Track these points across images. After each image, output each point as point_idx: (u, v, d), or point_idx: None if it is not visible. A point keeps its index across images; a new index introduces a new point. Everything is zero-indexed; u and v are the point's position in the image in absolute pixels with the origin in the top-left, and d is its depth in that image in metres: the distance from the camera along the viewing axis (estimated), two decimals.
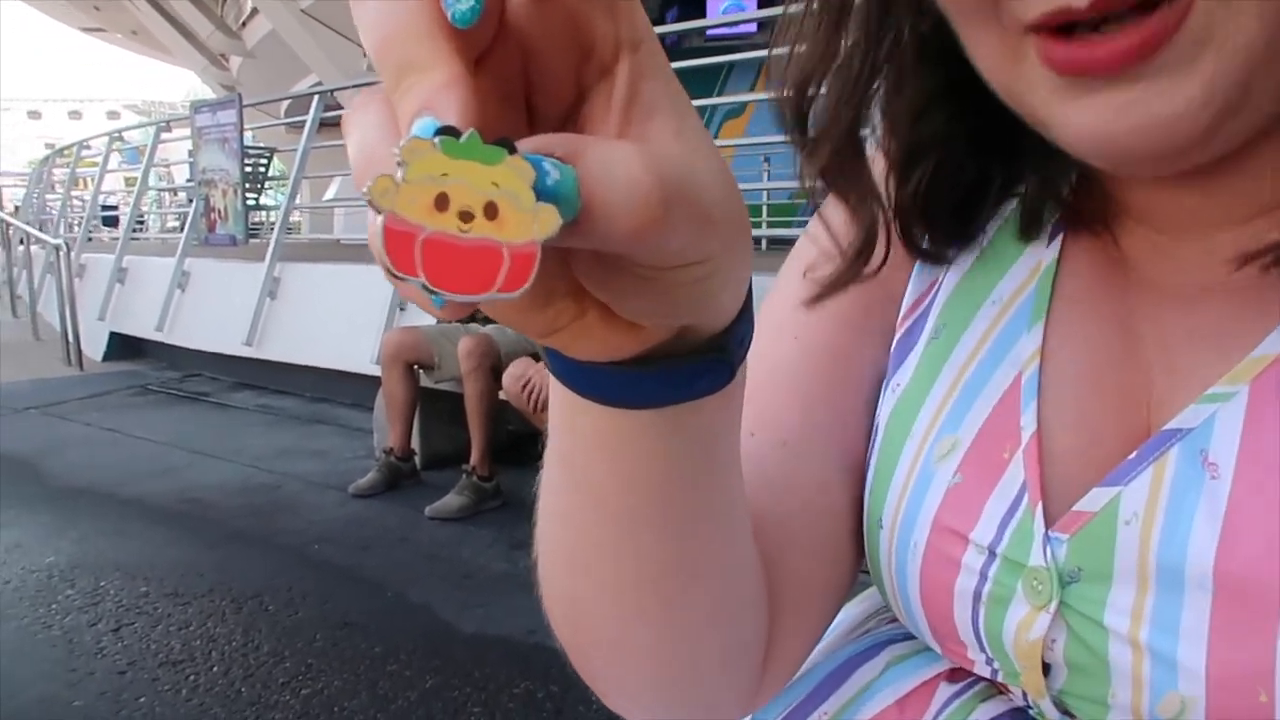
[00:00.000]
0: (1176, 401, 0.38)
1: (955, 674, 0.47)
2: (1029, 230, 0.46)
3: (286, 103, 11.66)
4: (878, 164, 0.46)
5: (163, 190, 10.95)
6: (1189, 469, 0.36)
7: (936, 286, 0.49)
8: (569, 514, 0.36)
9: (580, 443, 0.32)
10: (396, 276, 0.20)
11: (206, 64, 16.72)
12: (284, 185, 7.64)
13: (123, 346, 7.40)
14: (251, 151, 6.84)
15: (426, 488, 3.66)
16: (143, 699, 2.10)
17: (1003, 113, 0.39)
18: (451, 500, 3.38)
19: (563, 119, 0.24)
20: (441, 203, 0.20)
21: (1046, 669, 0.40)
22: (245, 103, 6.54)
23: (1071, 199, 0.45)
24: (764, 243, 6.37)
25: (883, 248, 0.46)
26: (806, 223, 0.51)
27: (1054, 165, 0.44)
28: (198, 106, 6.67)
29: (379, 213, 0.20)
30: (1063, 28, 0.33)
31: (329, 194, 11.69)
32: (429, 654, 2.30)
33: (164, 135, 8.33)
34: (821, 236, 0.48)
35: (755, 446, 0.46)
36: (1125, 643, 0.36)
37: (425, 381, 3.73)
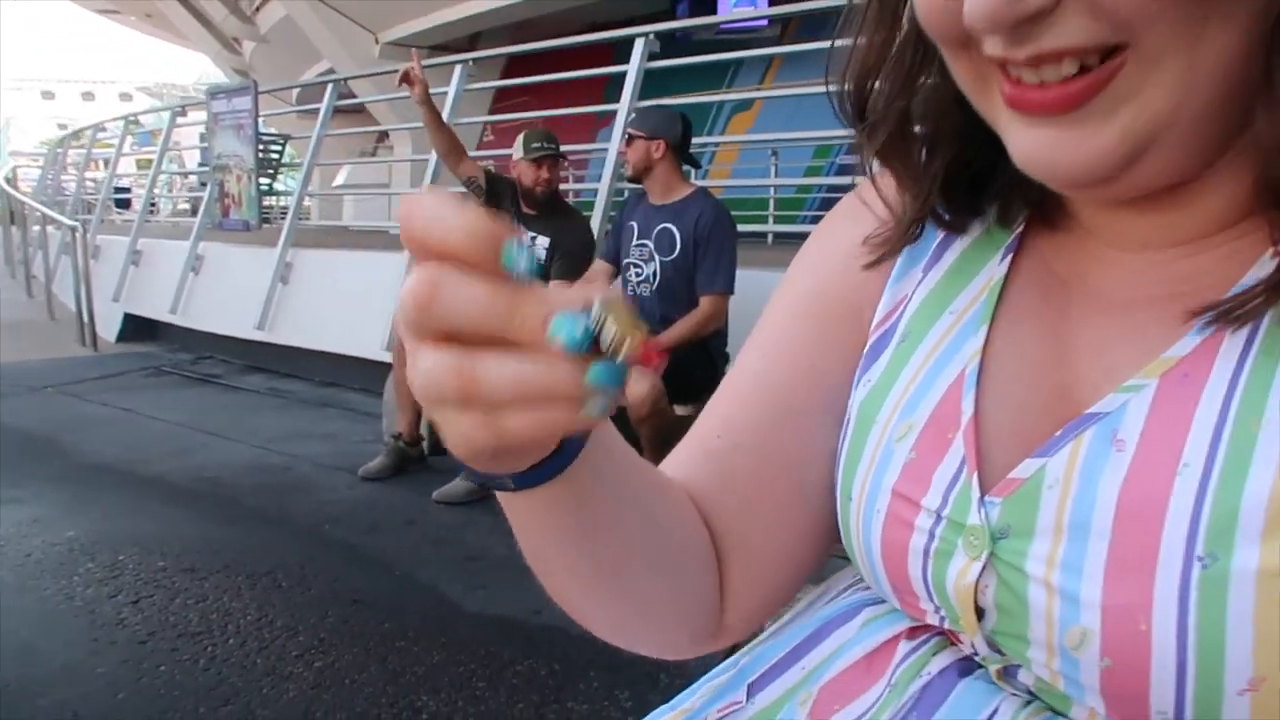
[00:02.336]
0: (1100, 392, 0.46)
1: (915, 632, 0.54)
2: (1005, 217, 0.54)
3: (299, 88, 11.73)
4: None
5: (174, 174, 11.04)
6: (1101, 444, 0.43)
7: (906, 301, 0.56)
8: (528, 551, 0.49)
9: (511, 516, 0.45)
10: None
11: (220, 48, 16.77)
12: (294, 171, 7.73)
13: (136, 328, 7.51)
14: (265, 138, 6.92)
15: (433, 472, 3.75)
16: (163, 668, 2.19)
17: None
18: (457, 485, 3.47)
19: None
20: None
21: (981, 613, 0.47)
22: (260, 89, 6.62)
23: (1041, 204, 0.53)
24: (770, 237, 6.42)
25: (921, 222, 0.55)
26: (812, 217, 0.58)
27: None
28: (214, 92, 6.75)
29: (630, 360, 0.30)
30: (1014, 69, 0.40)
31: (338, 180, 11.78)
32: (436, 631, 2.39)
33: (177, 119, 8.42)
34: (875, 207, 0.57)
35: (721, 446, 0.56)
36: (1041, 585, 0.43)
37: None
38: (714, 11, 10.82)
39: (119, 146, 9.30)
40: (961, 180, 0.53)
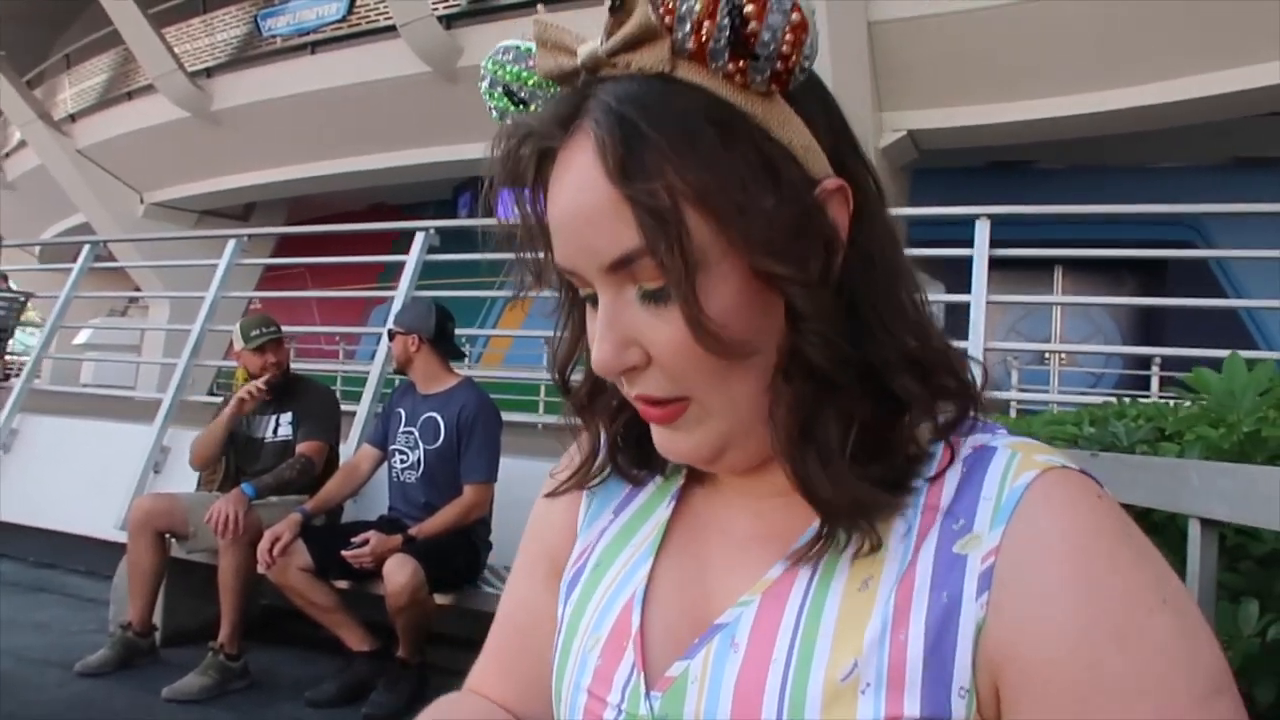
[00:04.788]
0: (725, 606, 0.63)
1: None
2: (668, 475, 0.73)
3: (45, 243, 11.03)
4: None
5: None
6: (724, 647, 0.61)
7: (598, 538, 0.74)
8: None
9: None
10: None
11: None
12: (32, 327, 7.19)
13: None
14: (3, 296, 6.45)
15: (165, 666, 3.47)
16: None
17: None
18: (192, 680, 3.22)
19: None
20: None
21: None
22: (5, 243, 6.23)
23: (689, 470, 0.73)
24: (540, 426, 6.63)
25: (604, 468, 0.73)
26: None
27: None
28: None
29: None
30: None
31: (79, 339, 10.96)
32: None
33: None
34: (574, 456, 0.75)
35: (496, 669, 0.76)
36: None
37: (176, 551, 3.60)
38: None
39: None
40: (632, 443, 0.72)
